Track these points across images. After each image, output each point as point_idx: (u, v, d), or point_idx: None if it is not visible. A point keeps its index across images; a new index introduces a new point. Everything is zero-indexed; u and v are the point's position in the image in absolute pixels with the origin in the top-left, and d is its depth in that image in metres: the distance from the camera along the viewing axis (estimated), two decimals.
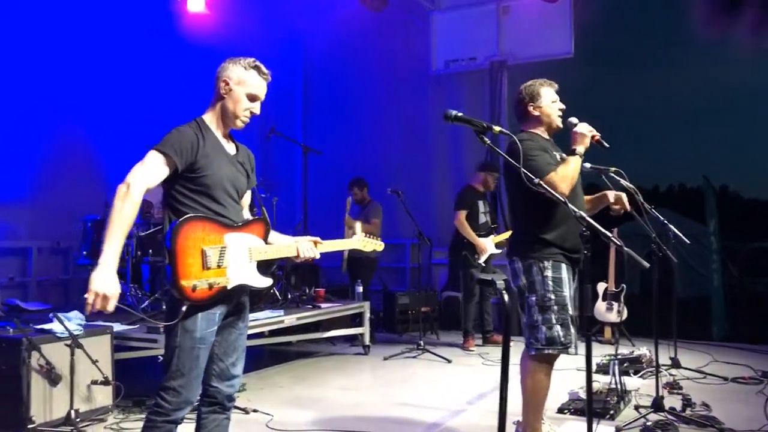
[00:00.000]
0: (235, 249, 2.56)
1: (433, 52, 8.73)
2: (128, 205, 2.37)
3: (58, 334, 4.04)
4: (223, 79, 2.63)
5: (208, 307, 2.51)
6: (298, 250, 2.77)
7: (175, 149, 2.48)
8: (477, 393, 4.97)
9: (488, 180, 6.97)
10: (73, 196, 6.66)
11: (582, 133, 3.27)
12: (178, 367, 2.48)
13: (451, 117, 2.63)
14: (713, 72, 13.39)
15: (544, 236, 3.27)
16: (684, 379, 5.25)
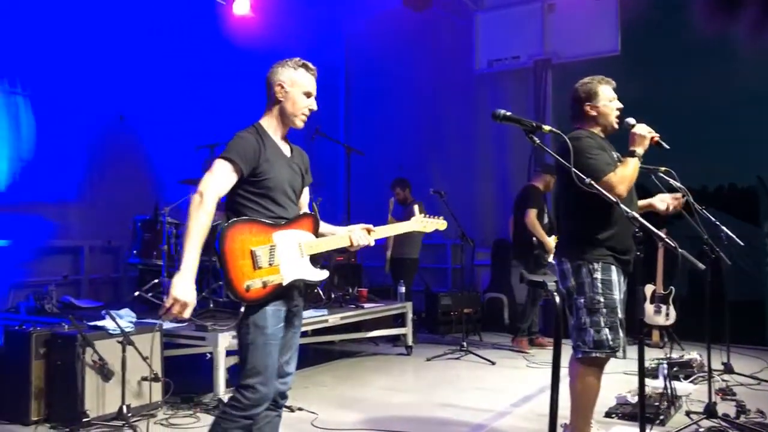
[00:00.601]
0: (285, 246, 2.62)
1: (476, 52, 8.66)
2: (203, 214, 2.45)
3: (110, 330, 4.16)
4: (277, 84, 2.70)
5: (270, 302, 2.56)
6: (351, 239, 2.80)
7: (240, 156, 2.57)
8: (522, 395, 4.92)
9: (549, 181, 6.87)
10: (123, 196, 6.84)
11: (641, 134, 3.18)
12: (254, 365, 2.54)
13: (500, 116, 2.59)
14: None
15: (596, 237, 3.21)
16: (737, 385, 5.09)
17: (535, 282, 2.21)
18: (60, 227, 6.73)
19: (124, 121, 7.10)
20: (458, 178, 8.58)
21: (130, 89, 7.09)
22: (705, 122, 9.85)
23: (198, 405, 4.46)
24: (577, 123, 3.46)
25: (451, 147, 8.95)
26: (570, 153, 2.76)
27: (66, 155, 6.68)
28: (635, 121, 3.28)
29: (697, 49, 10.55)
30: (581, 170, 3.11)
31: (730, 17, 7.30)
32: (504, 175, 8.69)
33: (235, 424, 2.56)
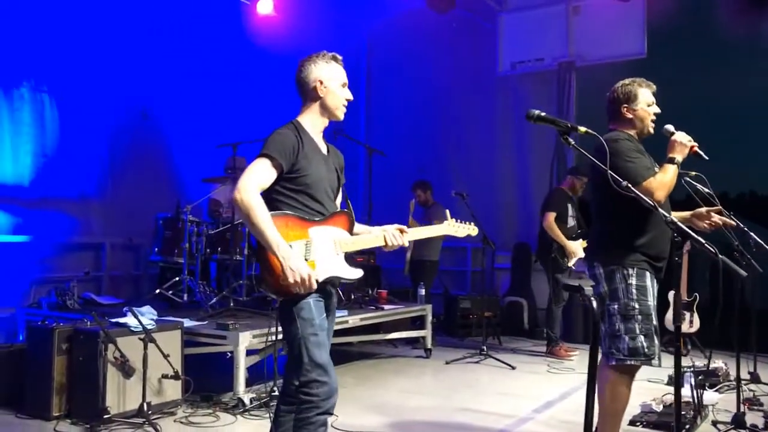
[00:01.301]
0: (320, 242, 2.61)
1: (499, 53, 8.61)
2: (255, 206, 2.43)
3: (132, 327, 4.15)
4: (316, 81, 2.69)
5: (308, 295, 2.53)
6: (386, 239, 2.77)
7: (279, 152, 2.55)
8: (544, 401, 4.85)
9: (576, 184, 6.79)
10: (145, 194, 6.87)
11: (681, 142, 3.10)
12: (310, 358, 2.50)
13: (534, 116, 2.52)
14: None
15: (631, 242, 3.13)
16: (764, 395, 4.98)
17: (572, 287, 2.15)
18: (82, 224, 6.76)
19: (146, 119, 7.13)
20: (479, 181, 8.52)
21: (153, 86, 7.12)
22: (728, 127, 9.69)
23: (217, 404, 4.44)
24: (612, 124, 3.39)
25: (472, 149, 8.90)
26: (606, 155, 2.69)
27: (89, 152, 6.72)
28: (674, 129, 3.21)
29: (724, 52, 10.43)
30: (619, 173, 3.02)
31: (759, 19, 7.17)
32: (525, 178, 8.62)
33: (315, 425, 2.51)
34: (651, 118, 3.31)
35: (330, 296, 2.72)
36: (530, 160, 8.57)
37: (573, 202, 6.80)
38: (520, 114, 8.67)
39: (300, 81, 2.74)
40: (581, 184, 6.77)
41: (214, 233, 5.90)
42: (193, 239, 5.78)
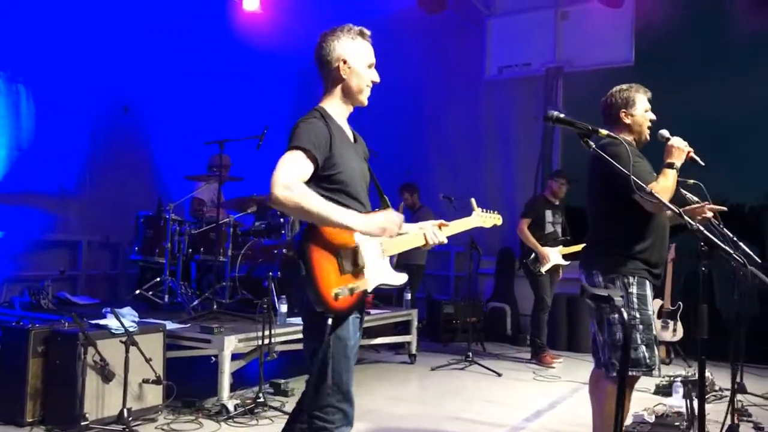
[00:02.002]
0: (367, 246, 2.32)
1: (487, 58, 8.57)
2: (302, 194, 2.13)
3: (113, 330, 3.98)
4: (339, 60, 2.38)
5: (354, 311, 2.31)
6: (426, 237, 2.53)
7: (313, 144, 2.25)
8: (534, 410, 4.78)
9: (554, 188, 6.77)
10: (125, 190, 6.69)
11: (679, 147, 3.06)
12: (335, 382, 2.25)
13: (553, 118, 2.44)
14: None
15: (632, 249, 3.07)
16: (751, 405, 4.97)
17: (599, 296, 2.06)
18: (58, 220, 6.56)
19: (128, 114, 6.94)
20: (465, 185, 8.46)
21: (136, 81, 6.94)
22: (713, 138, 9.81)
23: (200, 410, 4.29)
24: (609, 129, 3.33)
25: (459, 153, 8.83)
26: (606, 160, 2.63)
27: (66, 146, 6.52)
28: (669, 134, 3.17)
29: (712, 61, 10.50)
30: (620, 178, 2.98)
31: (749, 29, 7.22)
32: (511, 183, 8.58)
33: None
34: (647, 124, 3.28)
35: (363, 306, 2.46)
36: (516, 165, 8.54)
37: (554, 207, 6.74)
38: (507, 118, 8.67)
39: (320, 59, 2.42)
40: (559, 185, 6.75)
41: (197, 233, 5.73)
42: (176, 239, 5.61)
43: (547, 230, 6.64)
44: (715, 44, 8.07)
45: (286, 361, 5.50)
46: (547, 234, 6.64)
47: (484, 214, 2.96)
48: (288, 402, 4.65)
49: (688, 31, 7.65)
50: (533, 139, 8.35)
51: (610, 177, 3.05)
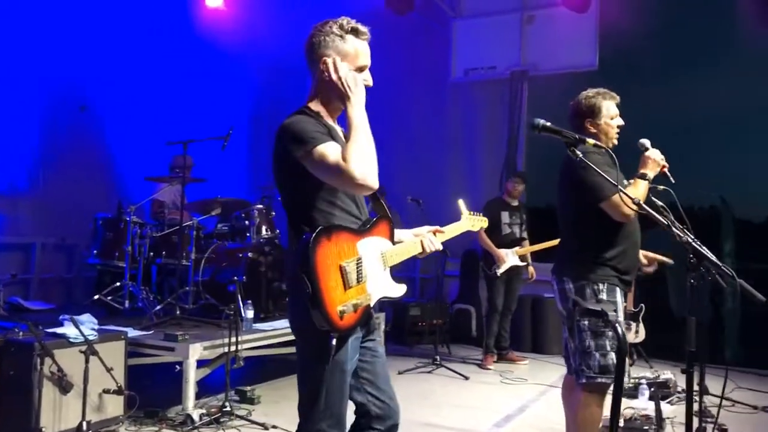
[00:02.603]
0: (369, 258, 2.18)
1: (453, 60, 8.57)
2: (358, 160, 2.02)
3: (71, 338, 3.81)
4: (321, 60, 2.19)
5: (357, 329, 2.15)
6: (423, 245, 2.42)
7: (323, 133, 2.08)
8: (503, 414, 4.76)
9: (509, 188, 6.79)
10: (81, 191, 6.44)
11: (654, 159, 3.06)
12: (328, 406, 2.10)
13: (539, 127, 2.39)
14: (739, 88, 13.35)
15: (602, 256, 3.07)
16: (713, 406, 5.05)
17: (593, 311, 2.03)
18: (9, 221, 6.30)
19: (85, 112, 6.69)
20: (430, 187, 8.42)
21: (93, 78, 6.70)
22: (671, 141, 10.02)
23: (163, 420, 4.14)
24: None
25: (424, 155, 8.80)
26: (575, 168, 2.62)
27: (19, 145, 6.25)
28: (649, 144, 3.17)
29: (676, 66, 10.75)
30: (587, 186, 3.01)
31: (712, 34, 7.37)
32: (476, 185, 8.59)
33: None
34: (615, 131, 3.28)
35: (370, 318, 2.30)
36: (481, 168, 8.55)
37: (512, 208, 6.74)
38: (472, 121, 8.68)
39: (309, 54, 2.23)
40: (513, 185, 6.78)
41: (159, 236, 5.55)
42: (136, 242, 5.42)
43: (504, 231, 6.66)
44: (677, 49, 8.24)
45: (251, 367, 5.37)
46: (504, 235, 6.66)
47: (472, 216, 2.88)
48: (254, 410, 4.53)
49: (652, 36, 7.78)
50: (498, 142, 8.38)
51: (580, 185, 3.06)
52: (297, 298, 2.07)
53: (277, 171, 2.21)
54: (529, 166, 8.41)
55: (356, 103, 2.14)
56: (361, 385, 2.26)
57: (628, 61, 8.63)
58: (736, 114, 10.40)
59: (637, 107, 9.22)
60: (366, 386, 2.27)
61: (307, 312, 2.01)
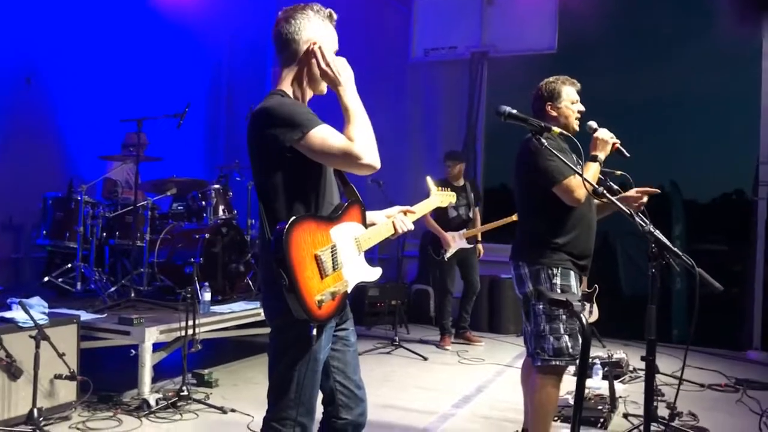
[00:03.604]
0: (343, 244, 2.14)
1: (413, 39, 8.51)
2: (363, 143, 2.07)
3: (20, 323, 3.68)
4: (309, 41, 2.16)
5: (332, 320, 2.13)
6: (395, 226, 2.40)
7: (314, 116, 2.07)
8: (461, 395, 4.82)
9: (446, 171, 6.79)
10: (28, 169, 6.16)
11: (603, 139, 3.12)
12: (299, 395, 2.08)
13: (504, 114, 2.39)
14: (692, 73, 13.80)
15: (555, 241, 3.12)
16: (663, 384, 5.22)
17: (557, 301, 2.04)
18: None
19: (31, 85, 6.39)
20: (390, 167, 8.29)
21: (40, 49, 6.37)
22: (626, 124, 10.24)
23: (118, 405, 4.05)
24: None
25: (384, 135, 8.56)
26: (529, 153, 2.64)
27: None
28: (597, 125, 3.22)
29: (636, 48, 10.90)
30: (540, 171, 3.06)
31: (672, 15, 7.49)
32: (435, 166, 8.58)
33: None
34: (575, 115, 3.31)
35: (345, 305, 2.27)
36: (441, 149, 8.51)
37: (457, 189, 6.61)
38: (432, 101, 8.66)
39: (284, 38, 2.17)
40: (448, 168, 6.78)
41: (112, 216, 5.40)
42: (88, 222, 5.25)
43: (450, 215, 6.64)
44: (636, 33, 8.36)
45: (208, 350, 5.30)
46: (451, 219, 6.66)
47: (441, 192, 2.85)
48: (212, 393, 4.48)
49: (610, 20, 7.87)
50: (458, 122, 8.39)
51: (534, 170, 3.09)
52: (272, 288, 2.04)
53: (254, 157, 2.15)
54: (488, 147, 8.46)
55: (348, 86, 2.15)
56: (330, 373, 2.25)
57: (586, 44, 8.71)
58: (690, 97, 10.80)
59: (594, 89, 9.32)
60: (335, 374, 2.26)
61: (283, 300, 1.98)
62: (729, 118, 12.51)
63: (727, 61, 10.17)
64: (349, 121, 2.08)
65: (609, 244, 11.51)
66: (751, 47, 7.11)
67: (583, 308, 6.74)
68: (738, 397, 4.92)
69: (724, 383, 5.35)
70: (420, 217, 2.71)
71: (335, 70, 2.13)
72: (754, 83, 7.08)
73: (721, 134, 12.83)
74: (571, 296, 2.07)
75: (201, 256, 5.14)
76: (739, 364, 6.29)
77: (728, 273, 10.35)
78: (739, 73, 9.63)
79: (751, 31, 7.04)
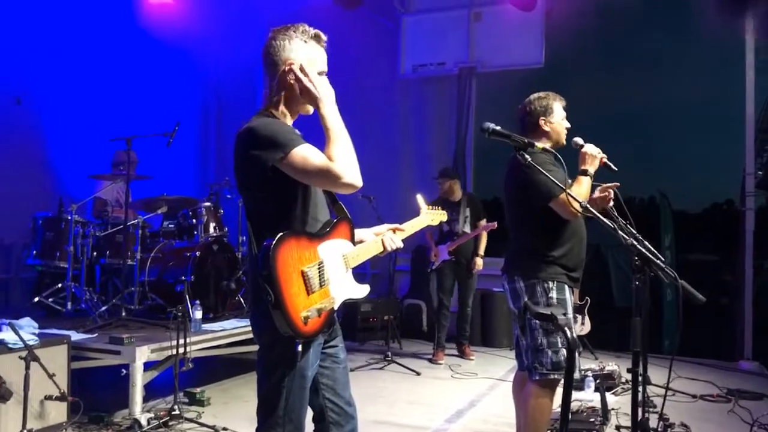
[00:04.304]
0: (330, 261, 2.16)
1: (401, 56, 8.56)
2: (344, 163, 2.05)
3: (10, 344, 3.66)
4: (287, 63, 2.18)
5: (318, 337, 2.13)
6: (384, 244, 2.41)
7: (297, 135, 2.09)
8: (454, 410, 4.81)
9: (439, 186, 6.88)
10: (17, 189, 6.16)
11: (592, 154, 3.16)
12: (287, 412, 2.08)
13: (489, 131, 2.42)
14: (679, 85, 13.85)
15: (550, 255, 3.15)
16: (655, 396, 5.22)
17: (543, 315, 2.06)
18: None
19: (21, 105, 6.41)
20: (379, 183, 8.40)
21: (30, 71, 6.41)
22: (613, 137, 10.34)
23: (109, 426, 4.03)
24: (526, 136, 3.38)
25: (373, 151, 8.70)
26: (522, 169, 2.67)
27: None
28: (583, 141, 3.26)
29: (622, 63, 11.01)
30: (534, 186, 3.08)
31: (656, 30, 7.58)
32: (425, 182, 8.61)
33: None
34: (564, 131, 3.37)
35: (334, 322, 2.28)
36: (431, 164, 8.58)
37: (451, 205, 6.72)
38: (421, 118, 8.72)
39: (267, 57, 2.20)
40: (440, 186, 6.90)
41: (102, 235, 5.39)
42: (79, 241, 5.24)
43: (444, 230, 6.78)
44: (622, 47, 8.46)
45: (199, 368, 5.27)
46: (444, 233, 6.79)
47: (431, 211, 2.85)
48: (204, 412, 4.46)
49: (596, 35, 7.97)
50: (447, 138, 8.45)
51: (528, 185, 3.12)
52: (259, 305, 2.06)
53: (240, 176, 2.17)
54: (478, 161, 8.51)
55: (328, 104, 2.16)
56: (320, 390, 2.26)
57: (573, 58, 8.82)
58: (676, 109, 10.98)
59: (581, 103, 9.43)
60: (325, 392, 2.27)
61: (269, 318, 1.99)
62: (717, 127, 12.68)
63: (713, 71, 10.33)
64: (329, 139, 2.10)
65: (601, 256, 11.56)
66: (736, 56, 7.19)
67: (575, 320, 6.75)
68: (730, 408, 4.94)
69: (716, 393, 5.36)
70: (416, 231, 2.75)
71: (313, 89, 2.15)
72: (739, 92, 7.16)
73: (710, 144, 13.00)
74: (556, 309, 2.08)
75: (192, 274, 5.14)
76: (731, 374, 6.30)
77: (719, 283, 10.41)
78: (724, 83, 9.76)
79: (734, 37, 7.11)
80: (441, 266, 6.76)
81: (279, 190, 2.11)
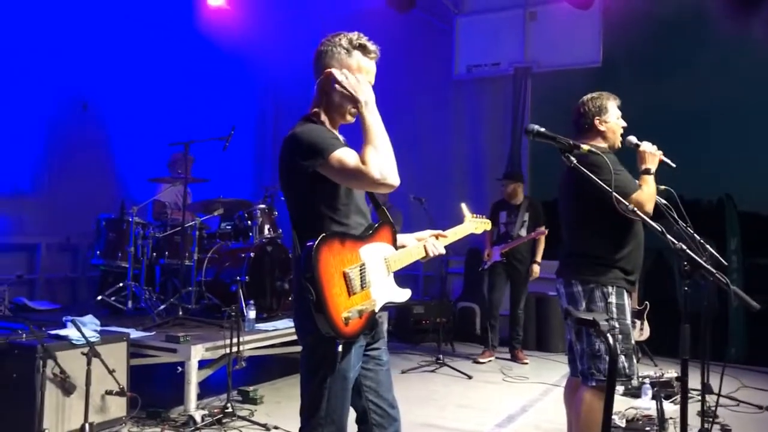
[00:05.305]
0: (372, 263, 2.18)
1: (455, 57, 8.52)
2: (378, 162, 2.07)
3: (73, 340, 3.82)
4: (324, 68, 2.22)
5: (359, 338, 2.16)
6: (427, 250, 2.44)
7: (337, 140, 2.14)
8: (505, 414, 4.76)
9: (507, 189, 6.86)
10: (84, 191, 6.46)
11: (651, 152, 3.06)
12: (329, 413, 2.12)
13: (533, 132, 2.38)
14: (742, 83, 13.19)
15: (610, 258, 3.06)
16: (719, 406, 5.01)
17: (585, 320, 2.02)
18: (14, 222, 6.32)
19: (87, 111, 6.70)
20: (433, 185, 8.40)
21: (95, 78, 6.70)
22: (675, 136, 10.00)
23: (166, 421, 4.16)
24: (582, 137, 3.30)
25: (427, 153, 8.76)
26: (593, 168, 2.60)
27: (22, 144, 6.27)
28: (637, 140, 3.16)
29: (679, 62, 10.69)
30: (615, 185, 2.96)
31: (713, 30, 7.32)
32: (479, 183, 8.57)
33: None
34: (620, 131, 3.27)
35: (376, 324, 2.29)
36: (484, 166, 8.52)
37: (511, 207, 6.80)
38: (475, 118, 8.65)
39: (314, 65, 2.27)
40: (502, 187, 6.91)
41: (162, 236, 5.57)
42: (139, 242, 5.43)
43: (500, 231, 6.84)
44: (682, 45, 8.19)
45: (253, 367, 5.38)
46: (501, 235, 6.82)
47: (475, 219, 2.85)
48: (257, 410, 4.54)
49: (656, 33, 7.73)
50: (502, 139, 8.35)
51: (591, 188, 3.02)
52: (302, 305, 2.10)
53: (285, 179, 2.22)
54: (534, 163, 8.39)
55: (368, 104, 2.17)
56: (362, 392, 2.27)
57: (632, 57, 8.57)
58: (740, 108, 10.45)
59: (641, 103, 9.14)
60: (368, 394, 2.28)
61: (312, 319, 2.02)
62: None
63: None
64: (365, 141, 2.11)
65: (664, 261, 11.19)
66: None
67: (633, 326, 6.58)
68: None
69: None
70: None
71: (353, 89, 2.17)
72: None
73: None
74: (598, 316, 2.02)
75: (247, 275, 5.25)
76: None
77: None
78: None
79: None
80: (492, 267, 6.72)
81: (322, 193, 2.14)
